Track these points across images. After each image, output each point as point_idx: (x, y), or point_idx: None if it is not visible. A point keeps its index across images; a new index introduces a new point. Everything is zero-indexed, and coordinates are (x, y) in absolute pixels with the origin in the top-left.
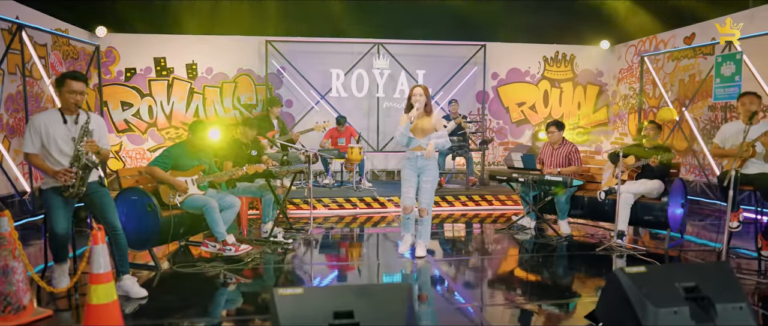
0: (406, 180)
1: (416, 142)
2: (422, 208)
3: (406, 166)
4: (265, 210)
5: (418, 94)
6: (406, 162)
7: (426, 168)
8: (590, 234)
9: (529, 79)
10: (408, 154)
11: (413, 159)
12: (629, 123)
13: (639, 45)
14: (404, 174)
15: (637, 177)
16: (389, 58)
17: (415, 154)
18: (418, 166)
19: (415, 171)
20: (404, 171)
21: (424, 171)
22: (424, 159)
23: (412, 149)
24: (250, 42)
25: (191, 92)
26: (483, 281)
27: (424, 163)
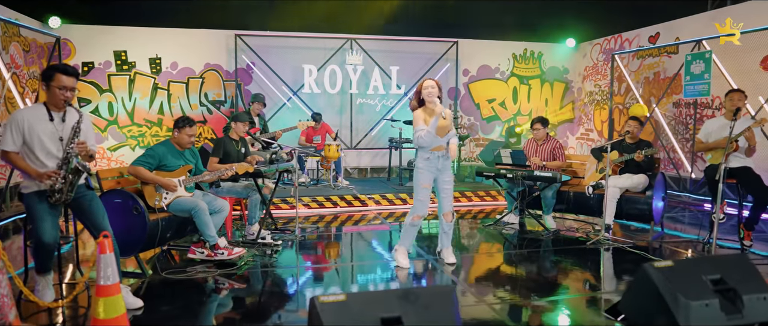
0: (424, 186)
1: (437, 142)
2: (447, 213)
3: (424, 169)
4: (251, 212)
5: (430, 87)
6: (424, 163)
7: (445, 168)
8: (574, 228)
9: (498, 76)
10: (426, 154)
11: (434, 159)
12: (595, 119)
13: (604, 43)
14: (422, 179)
15: (621, 172)
16: (362, 53)
17: (436, 155)
18: (438, 168)
19: (434, 173)
20: (422, 176)
21: (443, 172)
22: (444, 158)
23: (433, 149)
24: (218, 36)
25: (155, 88)
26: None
27: (444, 164)
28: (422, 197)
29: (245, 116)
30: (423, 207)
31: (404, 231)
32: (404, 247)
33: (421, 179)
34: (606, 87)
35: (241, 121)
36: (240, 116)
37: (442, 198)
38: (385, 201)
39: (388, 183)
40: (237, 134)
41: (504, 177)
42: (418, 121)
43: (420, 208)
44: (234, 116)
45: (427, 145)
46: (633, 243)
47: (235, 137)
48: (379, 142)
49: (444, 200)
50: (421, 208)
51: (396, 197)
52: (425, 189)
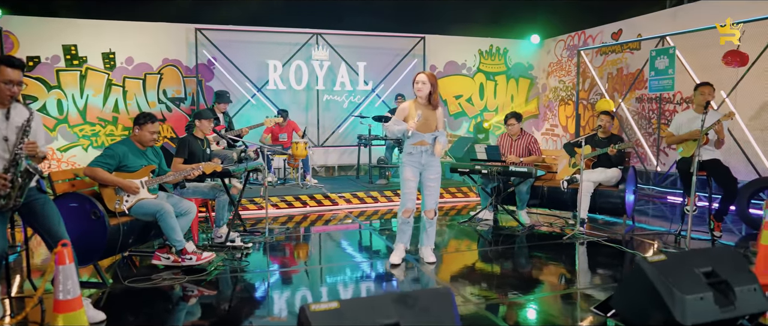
0: (407, 180)
1: (420, 137)
2: (428, 209)
3: (407, 163)
4: (218, 213)
5: (420, 81)
6: (407, 158)
7: (430, 165)
8: (547, 223)
9: (465, 72)
10: (409, 149)
11: (416, 154)
12: (560, 114)
13: (568, 40)
14: (405, 173)
15: (593, 166)
16: (329, 48)
17: (419, 150)
18: (421, 163)
19: (417, 168)
20: (405, 170)
21: (428, 168)
22: (428, 154)
23: (415, 144)
24: (177, 30)
25: (109, 84)
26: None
27: (428, 159)
28: (406, 190)
29: (209, 113)
30: (408, 200)
31: (398, 228)
32: (402, 243)
33: (404, 173)
34: (570, 83)
35: (206, 118)
36: (204, 113)
37: (425, 195)
38: (356, 200)
39: (357, 181)
40: (201, 132)
41: (479, 173)
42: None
43: (406, 202)
44: (197, 113)
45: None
46: (607, 237)
47: (199, 135)
48: (346, 139)
49: (427, 197)
50: (406, 202)
51: (367, 195)
52: (408, 181)
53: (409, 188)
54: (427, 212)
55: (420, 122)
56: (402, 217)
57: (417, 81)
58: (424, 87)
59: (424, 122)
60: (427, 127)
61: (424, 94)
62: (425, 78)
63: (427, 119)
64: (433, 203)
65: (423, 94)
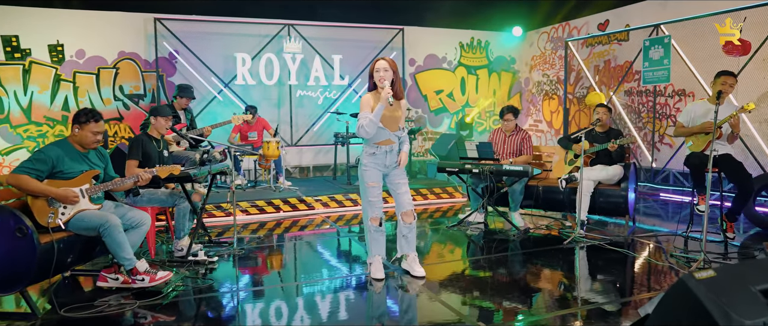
0: (371, 186)
1: (385, 135)
2: (407, 212)
3: (370, 165)
4: (178, 223)
5: (382, 68)
6: (370, 159)
7: (396, 165)
8: (542, 225)
9: (446, 66)
10: (371, 149)
11: (380, 155)
12: (544, 109)
13: (551, 32)
14: (367, 176)
15: (592, 163)
16: (301, 41)
17: (383, 150)
18: (386, 164)
19: (381, 170)
20: (367, 173)
21: (393, 170)
22: (393, 153)
23: (378, 143)
24: (134, 20)
25: (57, 80)
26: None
27: (393, 160)
28: (371, 197)
29: (167, 110)
30: (374, 208)
31: (369, 241)
32: (378, 256)
33: (366, 177)
34: (555, 76)
35: (163, 115)
36: (160, 110)
37: (397, 196)
38: (334, 203)
39: (334, 182)
40: (157, 131)
41: (468, 172)
42: (365, 107)
43: (372, 210)
44: (152, 110)
45: (368, 136)
46: (610, 240)
47: (155, 135)
48: (322, 137)
49: (401, 197)
50: (373, 210)
51: (346, 198)
52: (372, 188)
53: (374, 195)
54: (405, 215)
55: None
56: (372, 225)
57: (377, 69)
58: (387, 74)
59: (389, 117)
60: (393, 122)
61: (386, 82)
62: (386, 64)
63: (392, 113)
64: (408, 203)
65: (384, 82)
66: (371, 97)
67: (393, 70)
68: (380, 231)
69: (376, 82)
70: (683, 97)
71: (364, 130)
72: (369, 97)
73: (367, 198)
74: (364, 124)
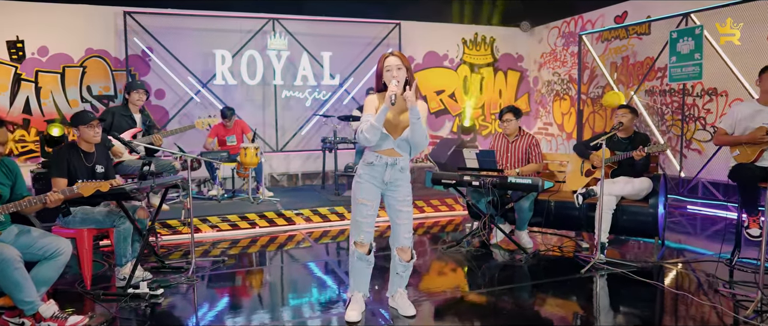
0: (362, 203)
1: (389, 143)
2: (403, 247)
3: (366, 178)
4: (118, 247)
5: (394, 66)
6: (367, 171)
7: (398, 183)
8: (552, 245)
9: (447, 64)
10: (370, 157)
11: (380, 166)
12: (554, 111)
13: (563, 26)
14: (360, 191)
15: (613, 174)
16: (287, 37)
17: (384, 161)
18: (385, 180)
19: (379, 186)
20: (362, 187)
21: (394, 187)
22: (397, 168)
23: (380, 151)
24: (101, 13)
25: (17, 80)
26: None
27: (395, 176)
28: (360, 217)
29: (89, 115)
30: (362, 231)
31: (351, 270)
32: (359, 292)
33: (360, 192)
34: (566, 75)
35: (84, 123)
36: (81, 116)
37: (395, 225)
38: (317, 218)
39: (322, 192)
40: (86, 142)
41: (468, 185)
42: (368, 109)
43: (359, 233)
44: (73, 117)
45: (369, 143)
46: (637, 267)
47: (83, 147)
48: (310, 142)
49: (399, 227)
50: (360, 233)
51: (330, 212)
52: (364, 205)
53: (365, 215)
54: (402, 251)
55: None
56: (357, 252)
57: (388, 66)
58: (401, 73)
59: (395, 121)
60: (402, 125)
61: (402, 80)
62: (399, 61)
63: (399, 116)
64: (406, 238)
65: (401, 79)
66: (377, 98)
67: (406, 66)
68: (366, 262)
69: (386, 82)
70: (714, 97)
71: (364, 135)
72: (375, 97)
73: (356, 218)
74: (364, 128)
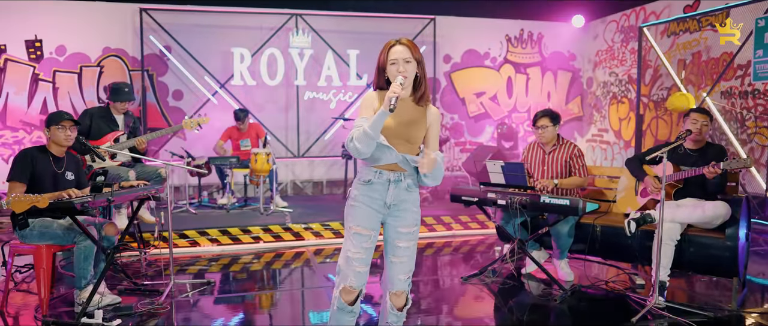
0: (360, 231)
1: (391, 157)
2: (398, 292)
3: (362, 201)
4: (78, 267)
5: (401, 58)
6: (364, 191)
7: (404, 206)
8: (599, 279)
9: (489, 63)
10: (368, 174)
11: (380, 185)
12: (610, 115)
13: (622, 20)
14: (357, 217)
15: (677, 194)
16: (311, 33)
17: (386, 177)
18: (387, 202)
19: (379, 211)
20: (357, 212)
21: (398, 212)
22: (402, 186)
23: (379, 166)
24: (119, 11)
25: (35, 79)
26: None
27: (401, 196)
28: (354, 252)
29: (63, 115)
30: (353, 269)
31: (330, 322)
32: None
33: (354, 219)
34: (625, 75)
35: (55, 123)
36: (54, 117)
37: (391, 263)
38: (329, 233)
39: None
40: (57, 146)
41: (493, 204)
42: (365, 110)
43: (348, 275)
44: (48, 118)
45: (361, 155)
46: (708, 317)
47: (53, 151)
48: (336, 147)
49: (395, 266)
50: (350, 275)
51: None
52: (359, 236)
53: (360, 248)
54: (396, 296)
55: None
56: (340, 300)
57: (393, 57)
58: (410, 66)
59: (399, 129)
60: (406, 137)
61: (411, 75)
62: (408, 52)
63: (409, 123)
64: (404, 280)
65: (409, 74)
66: (376, 97)
67: (417, 59)
68: (350, 313)
69: (389, 78)
70: None
71: (354, 145)
72: (374, 96)
73: (347, 253)
74: (355, 135)
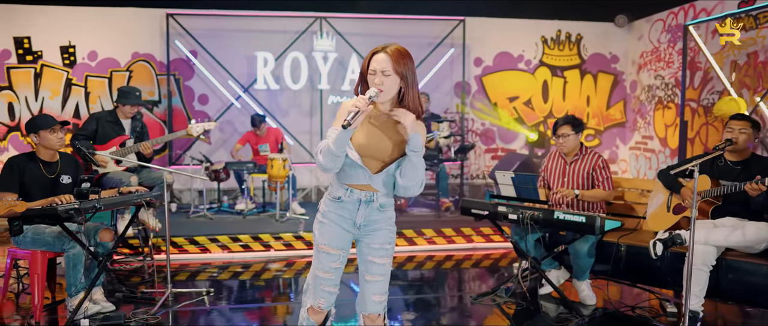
0: (328, 250)
1: (363, 176)
2: (371, 316)
3: (330, 216)
4: (68, 275)
5: (379, 69)
6: (333, 208)
7: (375, 226)
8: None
9: (523, 66)
10: (338, 190)
11: (350, 205)
12: (656, 122)
13: (669, 18)
14: (325, 233)
15: (715, 213)
16: (336, 36)
17: (356, 196)
18: (357, 222)
19: (349, 230)
20: (325, 229)
21: (371, 231)
22: (374, 207)
23: (351, 185)
24: (146, 16)
25: (68, 84)
26: None
27: (372, 217)
28: (322, 271)
29: (49, 120)
30: (322, 292)
31: None
32: None
33: (322, 235)
34: (672, 78)
35: (46, 127)
36: (39, 121)
37: (364, 282)
38: None
39: None
40: (46, 151)
41: (504, 218)
42: (340, 120)
43: (317, 294)
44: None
45: (325, 170)
46: None
47: (43, 155)
48: None
49: (369, 285)
50: (319, 295)
51: None
52: (327, 255)
53: (328, 268)
54: (369, 319)
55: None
56: (308, 319)
57: (372, 68)
58: (389, 81)
59: (373, 144)
60: (382, 158)
61: (388, 91)
62: (388, 64)
63: (388, 143)
64: (378, 302)
65: (386, 89)
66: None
67: (399, 73)
68: None
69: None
70: None
71: (319, 159)
72: (349, 103)
73: (315, 271)
74: (321, 148)
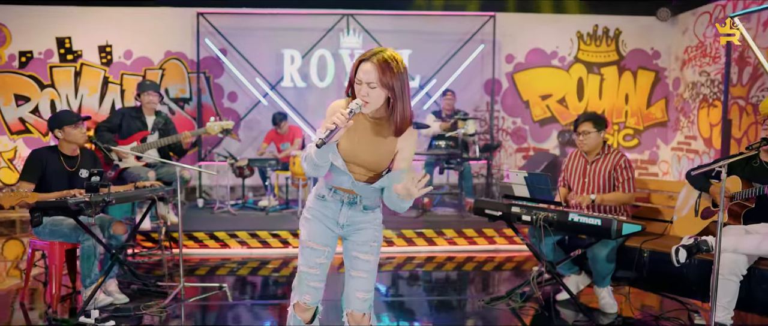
0: (313, 246)
1: (346, 181)
2: (354, 314)
3: (315, 213)
4: (83, 266)
5: (365, 81)
6: (317, 205)
7: (359, 226)
8: (650, 311)
9: (557, 63)
10: (323, 189)
11: (334, 205)
12: (700, 121)
13: (716, 11)
14: (310, 229)
15: (746, 217)
16: (363, 33)
17: (339, 197)
18: (340, 222)
19: (333, 228)
20: (310, 226)
21: (355, 231)
22: (356, 208)
23: (338, 187)
24: (178, 16)
25: (105, 82)
26: None
27: (355, 218)
28: (307, 266)
29: (72, 115)
30: (307, 288)
31: None
32: None
33: (307, 231)
34: (718, 74)
35: (70, 123)
36: (65, 116)
37: (349, 278)
38: None
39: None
40: (69, 146)
41: (517, 219)
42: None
43: (302, 290)
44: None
45: (309, 174)
46: None
47: (66, 149)
48: None
49: (353, 281)
50: (303, 290)
51: None
52: (312, 250)
53: (313, 264)
54: (352, 317)
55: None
56: (295, 316)
57: (359, 78)
58: (374, 94)
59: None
60: (368, 166)
61: (374, 103)
62: (374, 75)
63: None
64: (362, 299)
65: (371, 101)
66: (344, 106)
67: (386, 85)
68: None
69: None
70: None
71: (303, 166)
72: (341, 105)
73: (301, 267)
74: (306, 155)
